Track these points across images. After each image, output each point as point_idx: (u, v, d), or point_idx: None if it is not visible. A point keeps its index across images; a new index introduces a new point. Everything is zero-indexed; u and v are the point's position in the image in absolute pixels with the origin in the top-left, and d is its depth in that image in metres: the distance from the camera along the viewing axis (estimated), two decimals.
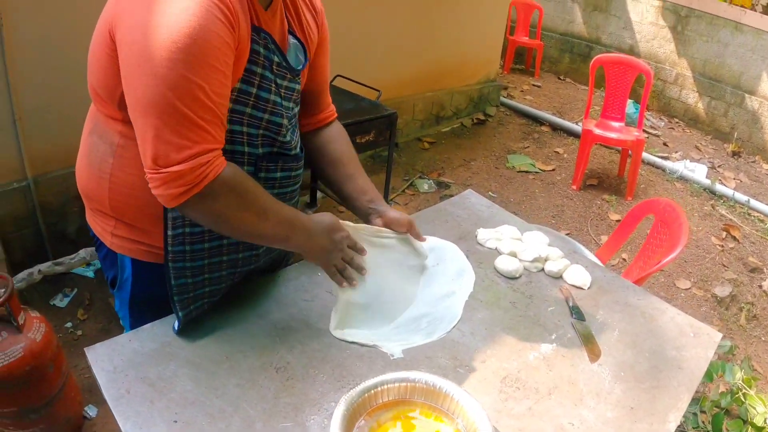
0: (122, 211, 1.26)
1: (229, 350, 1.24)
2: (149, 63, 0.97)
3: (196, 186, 1.04)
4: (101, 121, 1.22)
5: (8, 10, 2.64)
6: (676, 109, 6.75)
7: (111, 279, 1.41)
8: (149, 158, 1.02)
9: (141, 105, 1.01)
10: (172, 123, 1.00)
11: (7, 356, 1.84)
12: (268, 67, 1.20)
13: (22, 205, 2.94)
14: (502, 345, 1.36)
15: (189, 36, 0.97)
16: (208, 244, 1.25)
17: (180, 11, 0.97)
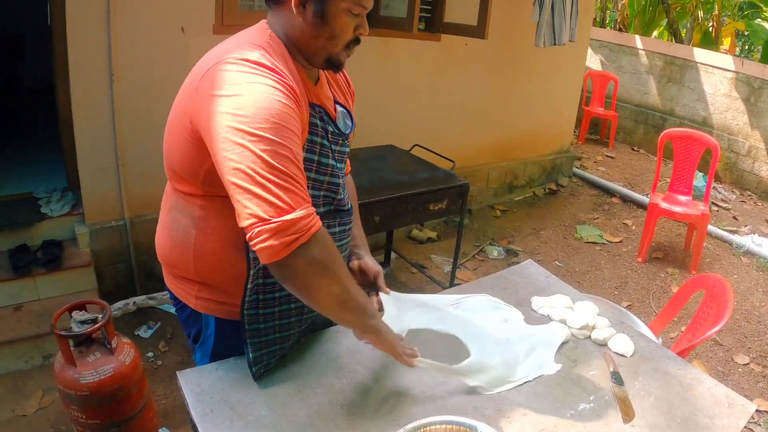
0: (206, 275, 1.41)
1: (301, 385, 1.44)
2: (243, 137, 1.11)
3: (303, 235, 1.14)
4: (180, 198, 1.39)
5: (120, 69, 3.00)
6: (749, 182, 6.68)
7: (194, 335, 1.55)
8: (258, 215, 1.11)
9: (242, 173, 1.12)
10: (274, 181, 1.12)
11: (99, 374, 2.06)
12: (325, 136, 1.37)
13: (117, 242, 3.27)
14: (542, 401, 1.50)
15: (271, 110, 1.13)
16: (279, 293, 1.39)
17: (255, 93, 1.14)
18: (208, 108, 1.17)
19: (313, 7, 1.25)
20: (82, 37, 2.89)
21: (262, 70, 1.18)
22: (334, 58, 1.34)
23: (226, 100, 1.14)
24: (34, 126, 4.97)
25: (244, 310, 1.37)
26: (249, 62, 1.19)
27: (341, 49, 1.33)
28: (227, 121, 1.13)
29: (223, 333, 1.48)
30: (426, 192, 2.97)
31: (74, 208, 3.31)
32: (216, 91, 1.16)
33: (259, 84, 1.16)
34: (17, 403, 2.64)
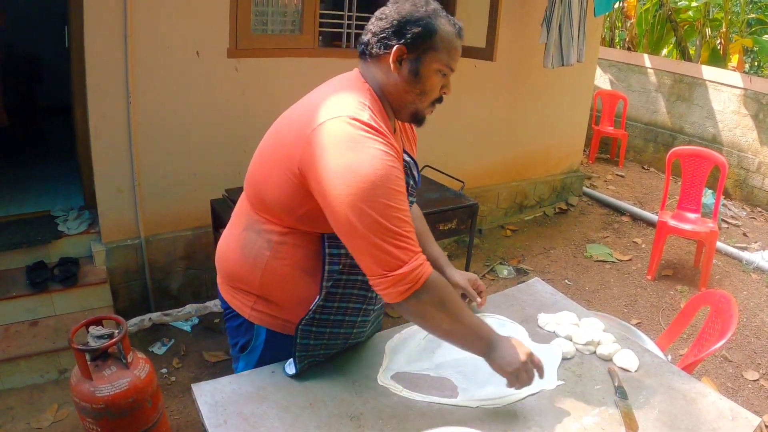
0: (270, 292, 1.52)
1: (312, 398, 1.48)
2: (358, 201, 1.25)
3: (416, 284, 1.31)
4: (259, 222, 1.49)
5: (137, 91, 3.08)
6: (759, 198, 6.67)
7: (242, 345, 1.65)
8: (377, 269, 1.30)
9: (359, 233, 1.27)
10: (388, 240, 1.27)
11: (115, 387, 2.12)
12: (408, 187, 1.48)
13: (133, 260, 3.33)
14: (547, 414, 1.53)
15: (386, 177, 1.27)
16: (333, 317, 1.53)
17: (370, 159, 1.26)
18: (323, 164, 1.27)
19: (409, 65, 1.40)
20: (100, 59, 2.97)
21: (374, 133, 1.30)
22: (420, 113, 1.49)
23: (345, 163, 1.26)
24: (51, 145, 5.07)
25: (300, 326, 1.49)
26: (362, 124, 1.29)
27: (427, 105, 1.47)
28: (347, 185, 1.25)
29: (273, 344, 1.58)
30: (435, 212, 3.01)
31: (91, 227, 3.39)
32: (333, 150, 1.27)
33: (375, 149, 1.27)
34: (32, 416, 2.69)
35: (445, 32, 1.41)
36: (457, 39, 1.44)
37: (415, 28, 1.38)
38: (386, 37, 1.40)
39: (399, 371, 1.64)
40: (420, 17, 1.39)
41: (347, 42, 3.96)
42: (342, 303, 1.53)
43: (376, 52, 1.42)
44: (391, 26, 1.39)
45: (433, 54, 1.40)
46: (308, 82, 3.68)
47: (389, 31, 1.39)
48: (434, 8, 1.42)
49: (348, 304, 1.54)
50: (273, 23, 3.67)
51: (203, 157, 3.43)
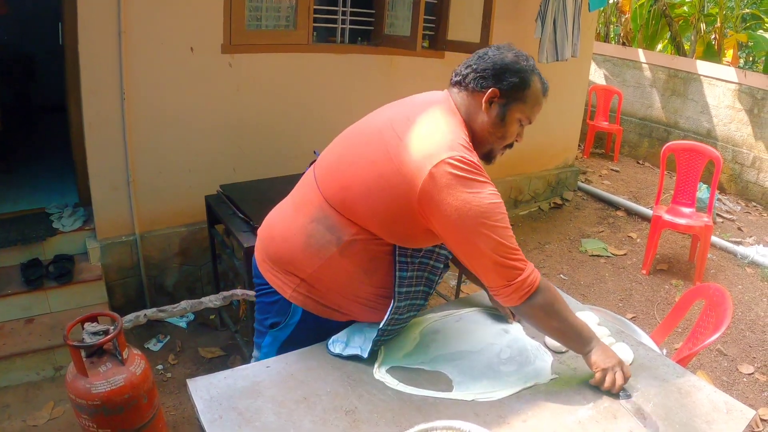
0: (321, 280, 1.60)
1: (307, 393, 1.48)
2: (483, 226, 1.42)
3: (531, 288, 1.49)
4: (334, 218, 1.56)
5: (131, 88, 3.08)
6: (754, 193, 6.70)
7: (273, 321, 1.73)
8: (500, 281, 1.48)
9: (485, 254, 1.45)
10: (508, 256, 1.46)
11: (110, 384, 2.11)
12: None
13: (128, 257, 3.33)
14: (542, 408, 1.53)
15: (497, 207, 1.44)
16: (406, 315, 1.68)
17: (486, 195, 1.43)
18: (449, 200, 1.41)
19: (498, 108, 1.55)
20: (94, 56, 2.96)
21: (481, 173, 1.46)
22: (494, 153, 1.64)
23: (468, 199, 1.41)
24: (45, 143, 5.06)
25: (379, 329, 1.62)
26: (473, 166, 1.44)
27: (501, 148, 1.63)
28: (472, 217, 1.41)
29: (306, 325, 1.66)
30: None
31: (85, 224, 3.38)
32: (456, 189, 1.41)
33: (487, 187, 1.45)
34: (28, 414, 2.69)
35: (536, 89, 1.57)
36: (543, 97, 1.60)
37: (513, 78, 1.53)
38: (485, 77, 1.54)
39: (394, 365, 1.64)
40: (520, 69, 1.53)
41: (341, 37, 3.95)
42: (410, 301, 1.65)
43: (472, 87, 1.55)
44: (493, 69, 1.53)
45: (520, 104, 1.55)
46: (303, 78, 3.71)
47: (489, 73, 1.53)
48: (533, 64, 1.57)
49: (415, 301, 1.68)
50: (267, 19, 3.66)
51: (198, 154, 3.42)
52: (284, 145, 3.68)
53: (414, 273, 1.63)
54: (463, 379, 1.62)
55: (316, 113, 3.72)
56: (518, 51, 1.59)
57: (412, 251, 1.61)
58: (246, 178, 3.30)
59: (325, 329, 1.67)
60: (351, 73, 3.91)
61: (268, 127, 3.60)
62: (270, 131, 3.60)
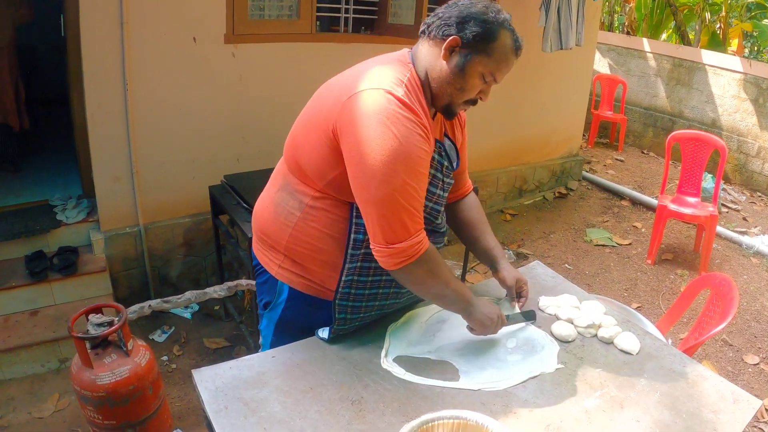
0: (295, 252, 1.59)
1: (313, 383, 1.48)
2: (379, 172, 1.33)
3: (411, 257, 1.41)
4: (294, 184, 1.57)
5: (134, 79, 3.06)
6: (759, 183, 6.66)
7: (264, 302, 1.74)
8: (380, 238, 1.40)
9: (373, 201, 1.36)
10: (397, 214, 1.37)
11: (115, 375, 2.12)
12: (440, 168, 1.57)
13: (132, 248, 3.33)
14: (548, 397, 1.53)
15: (406, 153, 1.34)
16: (368, 291, 1.61)
17: (397, 134, 1.32)
18: (356, 131, 1.35)
19: (458, 58, 1.44)
20: (97, 47, 2.95)
21: (407, 111, 1.35)
22: (453, 107, 1.52)
23: (375, 134, 1.32)
24: (48, 135, 5.05)
25: (336, 300, 1.59)
26: (397, 100, 1.35)
27: (461, 102, 1.51)
28: (373, 155, 1.32)
29: (294, 303, 1.65)
30: None
31: (89, 215, 3.38)
32: (366, 120, 1.33)
33: (404, 127, 1.34)
34: (34, 406, 2.70)
35: (504, 44, 1.44)
36: (512, 54, 1.47)
37: (477, 28, 1.42)
38: (449, 25, 1.44)
39: (400, 355, 1.64)
40: (486, 20, 1.42)
41: (345, 27, 3.93)
42: (375, 276, 1.60)
43: (434, 35, 1.46)
44: (457, 17, 1.43)
45: (483, 57, 1.43)
46: (306, 68, 3.69)
47: (453, 21, 1.44)
48: (504, 18, 1.46)
49: (381, 277, 1.61)
50: (270, 8, 3.64)
51: (201, 144, 3.41)
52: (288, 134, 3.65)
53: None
54: (470, 368, 1.61)
55: None
56: (493, 4, 1.48)
57: None
58: (249, 168, 3.30)
59: (315, 308, 1.64)
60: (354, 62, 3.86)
61: (271, 117, 3.58)
62: (273, 121, 3.58)
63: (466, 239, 1.95)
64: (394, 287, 1.66)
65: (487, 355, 1.68)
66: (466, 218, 1.93)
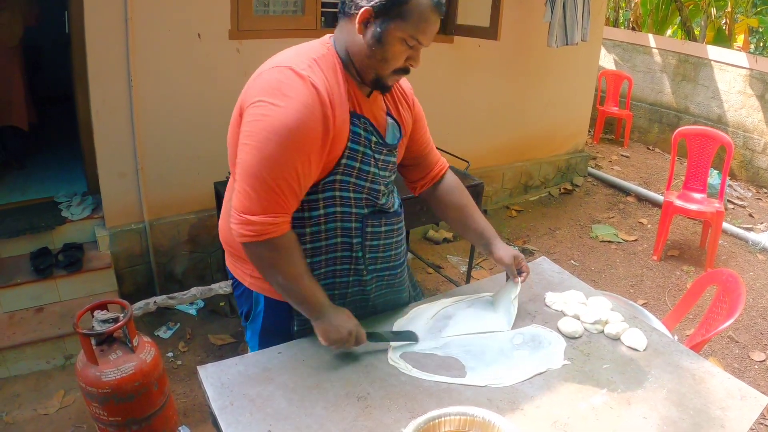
0: None
1: (319, 379, 1.47)
2: (256, 140, 1.30)
3: (259, 236, 1.35)
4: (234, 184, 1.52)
5: (139, 75, 3.06)
6: (765, 179, 6.63)
7: (245, 313, 1.71)
8: (236, 204, 1.35)
9: (242, 168, 1.33)
10: (259, 189, 1.32)
11: (121, 371, 2.12)
12: (368, 145, 1.49)
13: (137, 244, 3.33)
14: (555, 394, 1.52)
15: (289, 129, 1.28)
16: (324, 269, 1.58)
17: (286, 107, 1.28)
18: (252, 103, 1.33)
19: (373, 29, 1.37)
20: (101, 44, 2.95)
21: (301, 83, 1.31)
22: (381, 79, 1.45)
23: (262, 106, 1.30)
24: (53, 132, 5.05)
25: None
26: (294, 73, 1.32)
27: (389, 73, 1.44)
28: (252, 124, 1.31)
29: (272, 311, 1.63)
30: None
31: (94, 212, 3.38)
32: (259, 94, 1.32)
33: (296, 102, 1.29)
34: (39, 402, 2.70)
35: (418, 3, 1.34)
36: (432, 13, 1.37)
37: None
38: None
39: (407, 351, 1.63)
40: None
41: None
42: (329, 267, 1.57)
43: (347, 11, 1.41)
44: None
45: (399, 22, 1.35)
46: None
47: None
48: None
49: (335, 267, 1.58)
50: (275, 4, 3.63)
51: (206, 140, 3.40)
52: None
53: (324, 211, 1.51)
54: (476, 364, 1.60)
55: None
56: None
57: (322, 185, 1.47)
58: None
59: (296, 312, 1.59)
60: None
61: None
62: None
63: (455, 223, 1.91)
64: (354, 275, 1.64)
65: (494, 351, 1.68)
66: (450, 202, 1.88)
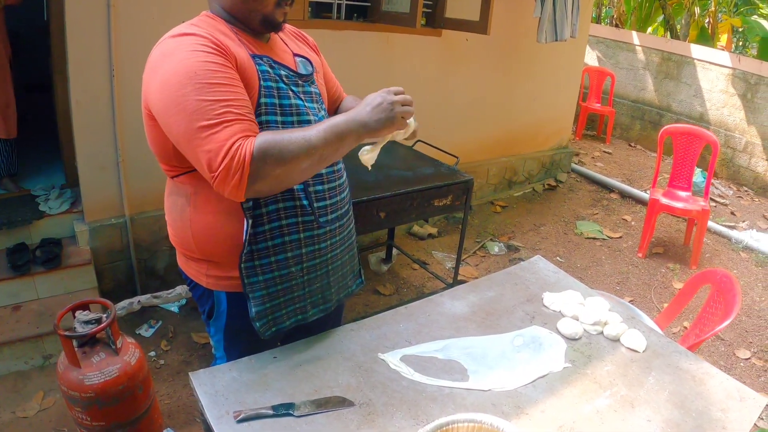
0: (208, 251, 1.47)
1: (318, 385, 1.41)
2: (173, 105, 1.21)
3: (243, 169, 1.19)
4: (173, 182, 1.48)
5: (121, 64, 2.96)
6: (746, 178, 6.69)
7: (208, 311, 1.61)
8: (205, 170, 1.22)
9: (182, 136, 1.22)
10: (205, 136, 1.20)
11: (104, 375, 2.03)
12: (280, 79, 1.42)
13: (117, 239, 3.23)
14: (560, 398, 1.48)
15: (189, 72, 1.21)
16: (271, 242, 1.45)
17: (178, 61, 1.22)
18: (149, 89, 1.27)
19: None
20: (82, 32, 2.84)
21: (182, 38, 1.26)
22: (268, 17, 1.41)
23: (160, 77, 1.24)
24: (30, 123, 4.90)
25: (242, 264, 1.43)
26: (172, 37, 1.28)
27: (273, 8, 1.40)
28: (162, 97, 1.23)
29: (236, 307, 1.53)
30: (431, 188, 2.93)
31: (73, 206, 3.27)
32: (151, 72, 1.27)
33: (184, 51, 1.23)
34: (18, 404, 2.60)
35: None
36: None
37: None
38: None
39: (406, 354, 1.58)
40: None
41: (338, 13, 3.84)
42: (273, 223, 1.44)
43: None
44: None
45: None
46: None
47: None
48: None
49: (280, 222, 1.45)
50: None
51: None
52: None
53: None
54: (478, 367, 1.56)
55: None
56: None
57: None
58: None
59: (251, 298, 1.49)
60: (347, 50, 3.81)
61: None
62: None
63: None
64: (304, 232, 1.50)
65: (495, 354, 1.64)
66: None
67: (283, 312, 1.54)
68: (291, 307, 1.56)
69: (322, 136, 1.27)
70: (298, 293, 1.56)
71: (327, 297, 1.65)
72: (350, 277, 1.77)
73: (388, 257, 4.03)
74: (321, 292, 1.62)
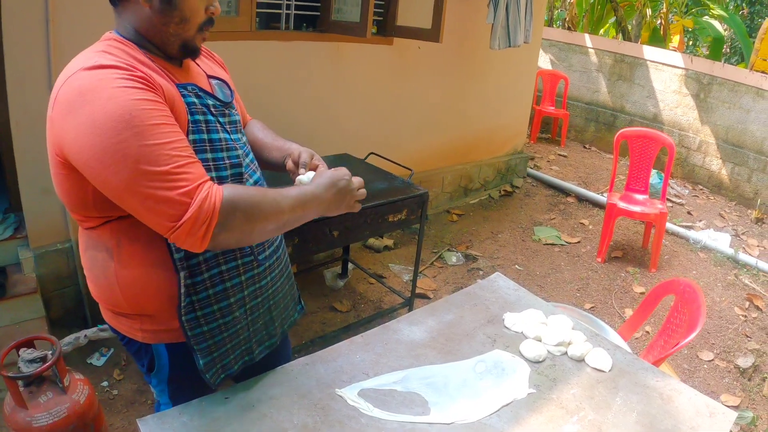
0: (140, 305, 1.34)
1: (273, 427, 1.33)
2: (108, 154, 1.07)
3: (212, 219, 1.13)
4: (90, 236, 1.32)
5: None
6: (700, 176, 6.81)
7: (147, 365, 1.47)
8: (164, 223, 1.12)
9: (126, 190, 1.10)
10: (159, 185, 1.09)
11: (52, 415, 1.93)
12: (207, 111, 1.32)
13: (64, 265, 3.09)
14: (525, 426, 1.44)
15: (123, 115, 1.07)
16: (212, 290, 1.36)
17: (105, 101, 1.08)
18: (67, 134, 1.11)
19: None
20: (19, 47, 2.70)
21: (101, 72, 1.12)
22: (188, 43, 1.31)
23: (83, 122, 1.08)
24: None
25: (182, 317, 1.33)
26: (91, 69, 1.12)
27: (195, 32, 1.31)
28: (92, 146, 1.08)
29: (177, 357, 1.42)
30: (385, 203, 2.86)
31: (17, 231, 3.11)
32: (70, 115, 1.10)
33: (109, 90, 1.09)
34: None
35: None
36: None
37: None
38: None
39: (364, 388, 1.51)
40: None
41: (286, 24, 3.76)
42: (212, 270, 1.35)
43: None
44: None
45: None
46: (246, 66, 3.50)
47: None
48: None
49: (220, 268, 1.36)
50: None
51: None
52: None
53: None
54: (439, 399, 1.51)
55: (260, 103, 3.52)
56: None
57: None
58: None
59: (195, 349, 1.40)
60: (297, 61, 3.73)
61: None
62: None
63: (258, 155, 1.65)
64: (244, 274, 1.42)
65: (457, 383, 1.58)
66: (257, 141, 1.68)
67: (231, 357, 1.46)
68: (238, 351, 1.47)
69: (291, 204, 1.27)
70: (244, 336, 1.48)
71: (271, 332, 1.58)
72: (291, 306, 1.70)
73: (344, 272, 3.95)
74: (265, 329, 1.55)
